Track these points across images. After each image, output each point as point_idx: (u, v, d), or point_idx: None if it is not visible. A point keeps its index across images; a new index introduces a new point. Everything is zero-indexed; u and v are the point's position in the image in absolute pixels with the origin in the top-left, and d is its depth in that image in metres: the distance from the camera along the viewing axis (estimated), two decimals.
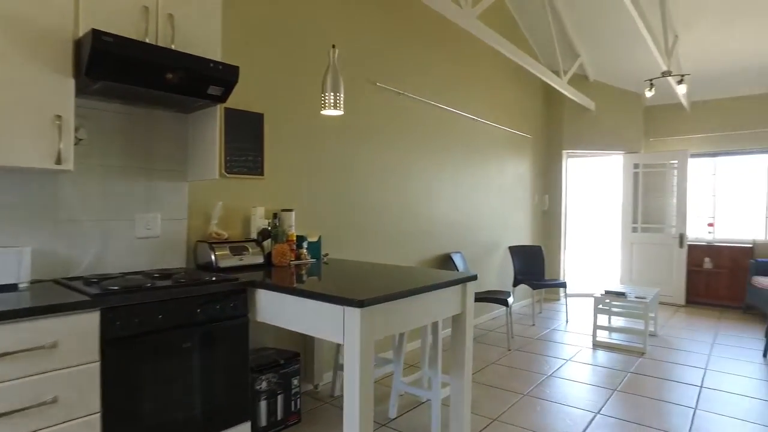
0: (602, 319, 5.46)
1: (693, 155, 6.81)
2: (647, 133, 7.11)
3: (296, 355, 2.72)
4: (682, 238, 6.48)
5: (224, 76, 2.18)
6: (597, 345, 4.54)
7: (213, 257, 2.47)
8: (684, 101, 6.50)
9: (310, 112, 3.32)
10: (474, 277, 2.49)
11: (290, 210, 2.98)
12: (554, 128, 6.85)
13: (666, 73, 5.03)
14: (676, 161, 6.60)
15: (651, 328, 5.02)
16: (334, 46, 2.59)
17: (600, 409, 3.08)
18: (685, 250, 6.47)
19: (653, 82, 5.56)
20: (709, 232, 6.69)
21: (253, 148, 2.91)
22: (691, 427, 2.84)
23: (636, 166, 6.90)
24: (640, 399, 3.24)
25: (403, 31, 4.15)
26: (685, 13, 4.89)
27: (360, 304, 1.78)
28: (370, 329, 1.84)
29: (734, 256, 6.41)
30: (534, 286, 5.54)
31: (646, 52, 5.96)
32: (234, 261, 2.55)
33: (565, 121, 6.80)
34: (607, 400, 3.23)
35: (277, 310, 2.12)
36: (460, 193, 4.96)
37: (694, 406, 3.15)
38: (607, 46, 6.01)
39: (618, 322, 5.42)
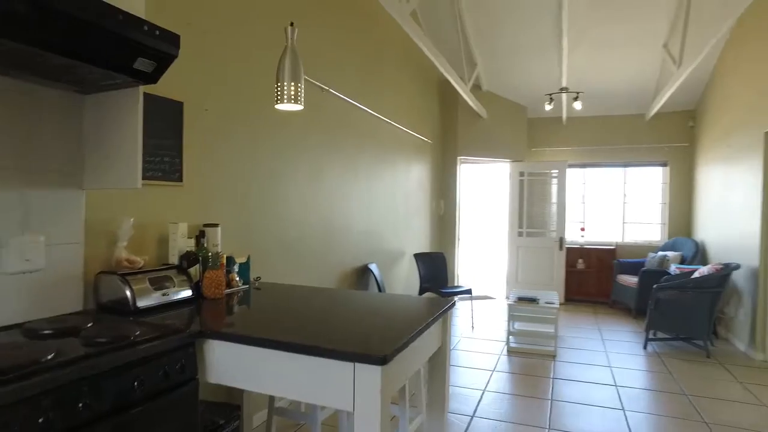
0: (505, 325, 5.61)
1: (570, 165, 7.41)
2: (529, 144, 7.57)
3: (236, 409, 2.16)
4: (561, 241, 7.01)
5: (161, 47, 1.56)
6: (512, 352, 4.59)
7: (129, 294, 1.81)
8: (563, 116, 7.04)
9: (244, 104, 2.73)
10: (453, 305, 2.20)
11: (215, 225, 2.38)
12: (450, 134, 6.92)
13: (564, 89, 5.31)
14: (557, 171, 7.12)
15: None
16: (292, 24, 2.09)
17: (550, 425, 3.02)
18: (564, 252, 7.00)
19: (552, 96, 5.88)
20: (581, 236, 7.34)
21: (171, 146, 2.25)
22: (630, 430, 2.92)
23: (521, 174, 7.29)
24: (577, 407, 3.27)
25: (319, 20, 3.71)
26: (569, 37, 5.21)
27: (382, 360, 1.36)
28: (389, 390, 1.43)
29: (601, 256, 7.11)
30: (442, 295, 5.47)
31: (534, 67, 6.30)
32: (157, 297, 1.91)
33: (460, 128, 6.91)
34: (550, 411, 3.20)
35: (243, 369, 1.58)
36: (372, 201, 4.66)
37: (621, 407, 3.27)
38: (500, 59, 6.22)
39: (522, 326, 5.58)
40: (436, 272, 5.87)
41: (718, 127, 5.73)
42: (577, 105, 5.70)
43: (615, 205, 7.37)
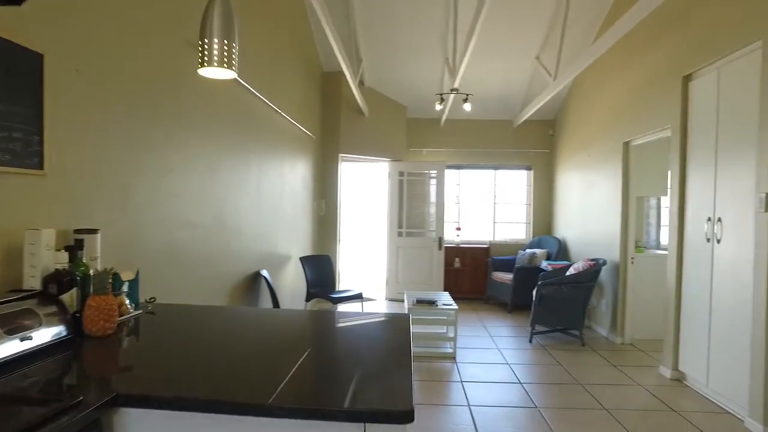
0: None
1: (448, 166, 7.59)
2: (408, 143, 7.58)
3: None
4: (440, 241, 7.13)
5: None
6: (414, 357, 4.43)
7: None
8: (443, 118, 7.18)
9: (133, 69, 2.05)
10: (408, 321, 1.89)
11: (94, 231, 1.74)
12: (332, 130, 6.58)
13: (454, 90, 5.34)
14: (435, 171, 7.23)
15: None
16: None
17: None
18: (443, 252, 7.13)
19: (443, 96, 5.89)
20: (457, 235, 7.58)
21: (24, 117, 1.56)
22: (551, 428, 2.93)
23: (401, 173, 7.26)
24: (495, 411, 3.20)
25: None
26: (453, 40, 5.28)
27: (407, 416, 1.00)
28: None
29: (475, 255, 7.42)
30: (332, 300, 5.12)
31: (416, 68, 6.29)
32: (12, 346, 1.26)
33: (342, 124, 6.61)
34: (473, 419, 3.07)
35: None
36: (263, 199, 4.13)
37: (534, 405, 3.29)
38: (384, 56, 6.08)
39: (418, 329, 5.47)
40: (323, 276, 5.49)
41: (578, 136, 6.32)
42: (467, 107, 5.81)
43: (487, 206, 7.77)
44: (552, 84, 5.28)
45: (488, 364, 4.25)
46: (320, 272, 5.46)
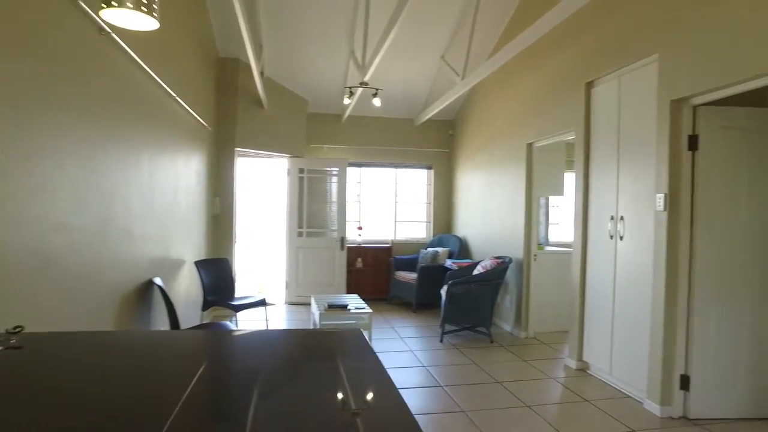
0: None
1: (350, 164, 7.38)
2: (309, 139, 7.25)
3: None
4: (343, 241, 6.91)
5: None
6: None
7: None
8: (347, 113, 6.96)
9: None
10: (362, 336, 1.64)
11: None
12: (228, 122, 6.02)
13: (363, 84, 5.15)
14: (337, 168, 6.99)
15: None
16: None
17: None
18: (345, 252, 6.92)
19: (353, 90, 5.64)
20: (359, 235, 7.42)
21: None
22: (479, 429, 2.87)
23: (301, 170, 6.91)
24: (425, 419, 3.07)
25: None
26: (359, 35, 5.11)
27: None
28: None
29: (377, 255, 7.32)
30: (234, 308, 4.65)
31: (319, 60, 6.01)
32: None
33: (240, 116, 6.09)
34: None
35: None
36: (156, 196, 3.57)
37: (461, 409, 3.22)
38: (286, 46, 5.71)
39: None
40: (221, 282, 4.98)
41: (480, 136, 6.51)
42: (377, 101, 5.65)
43: (388, 205, 7.71)
44: (460, 83, 5.33)
45: (405, 368, 4.13)
46: (218, 277, 4.94)
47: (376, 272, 7.26)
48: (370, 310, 4.34)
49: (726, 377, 3.11)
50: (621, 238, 3.59)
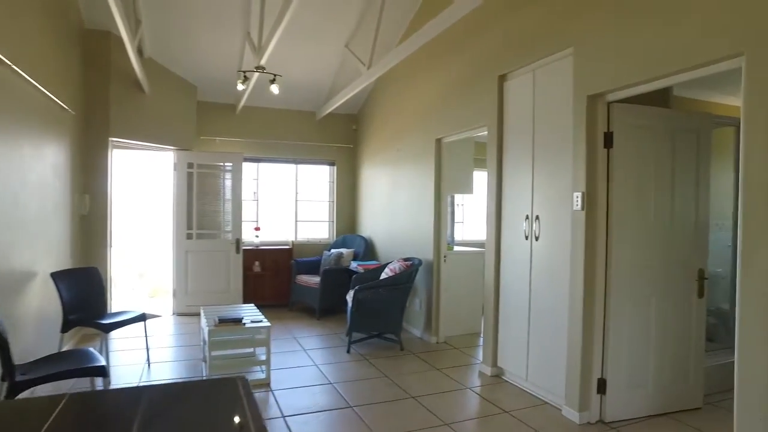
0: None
1: (245, 159, 6.72)
2: (198, 131, 6.48)
3: None
4: (238, 243, 6.27)
5: None
6: None
7: None
8: (241, 103, 6.31)
9: None
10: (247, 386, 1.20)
11: None
12: (99, 107, 5.12)
13: (259, 68, 4.59)
14: (231, 163, 6.32)
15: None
16: None
17: None
18: (241, 255, 6.28)
19: (247, 74, 5.00)
20: (256, 236, 6.79)
21: None
22: None
23: (191, 165, 6.14)
24: None
25: None
26: (255, 18, 4.58)
27: None
28: None
29: (277, 257, 6.76)
30: (103, 329, 3.88)
31: (210, 42, 5.34)
32: None
33: (114, 101, 5.21)
34: None
35: None
36: (7, 191, 2.77)
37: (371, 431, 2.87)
38: (170, 22, 4.97)
39: (221, 352, 4.54)
40: (87, 296, 4.14)
41: (385, 131, 6.22)
42: (275, 88, 5.08)
43: (288, 203, 7.17)
44: (366, 73, 4.99)
45: (310, 386, 3.69)
46: (83, 291, 4.10)
47: (276, 276, 6.70)
48: (268, 324, 3.83)
49: (637, 377, 3.09)
50: (537, 238, 3.47)
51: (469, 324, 5.25)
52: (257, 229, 6.82)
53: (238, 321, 3.82)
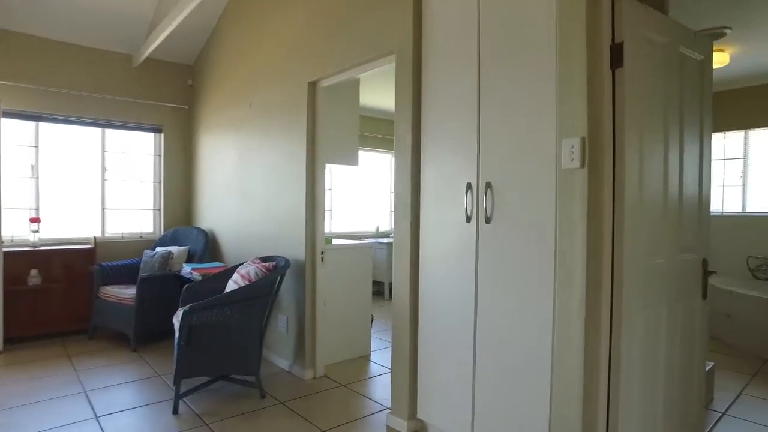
0: None
1: (6, 113, 4.40)
2: None
3: None
4: None
5: None
6: None
7: None
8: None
9: None
10: None
11: None
12: None
13: None
14: None
15: None
16: None
17: None
18: (1, 259, 4.02)
19: None
20: (35, 231, 4.52)
21: None
22: None
23: None
24: None
25: None
26: None
27: None
28: None
29: (70, 262, 4.59)
30: None
31: None
32: None
33: None
34: None
35: None
36: None
37: None
38: None
39: None
40: None
41: (233, 83, 4.47)
42: None
43: (92, 183, 4.98)
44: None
45: None
46: None
47: (69, 290, 4.53)
48: None
49: (648, 425, 1.97)
50: (488, 219, 2.16)
51: (357, 345, 3.86)
52: (35, 220, 4.53)
53: None
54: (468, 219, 2.24)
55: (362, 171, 7.01)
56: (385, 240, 6.47)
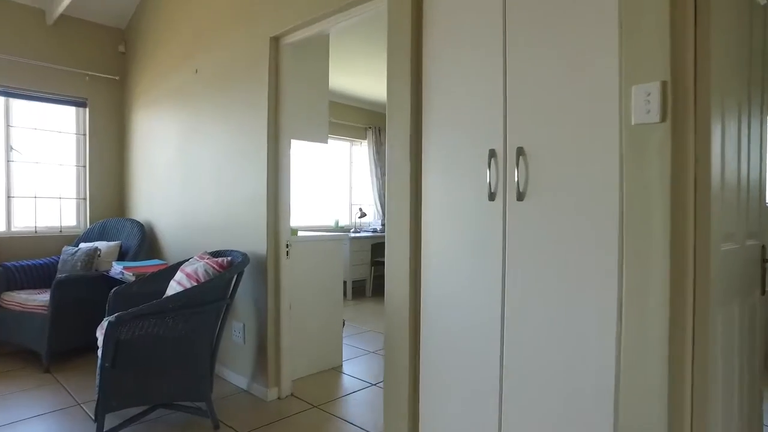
0: None
1: None
2: None
3: None
4: None
5: None
6: None
7: None
8: None
9: None
10: None
11: None
12: None
13: None
14: None
15: None
16: None
17: None
18: None
19: None
20: None
21: None
22: None
23: None
24: None
25: None
26: None
27: None
28: None
29: None
30: None
31: None
32: None
33: None
34: None
35: None
36: None
37: None
38: None
39: None
40: None
41: (174, 46, 3.76)
42: None
43: None
44: None
45: None
46: None
47: None
48: None
49: None
50: (519, 196, 1.67)
51: (327, 355, 3.30)
52: None
53: None
54: (492, 196, 1.74)
55: (320, 159, 6.40)
56: (350, 235, 5.92)
